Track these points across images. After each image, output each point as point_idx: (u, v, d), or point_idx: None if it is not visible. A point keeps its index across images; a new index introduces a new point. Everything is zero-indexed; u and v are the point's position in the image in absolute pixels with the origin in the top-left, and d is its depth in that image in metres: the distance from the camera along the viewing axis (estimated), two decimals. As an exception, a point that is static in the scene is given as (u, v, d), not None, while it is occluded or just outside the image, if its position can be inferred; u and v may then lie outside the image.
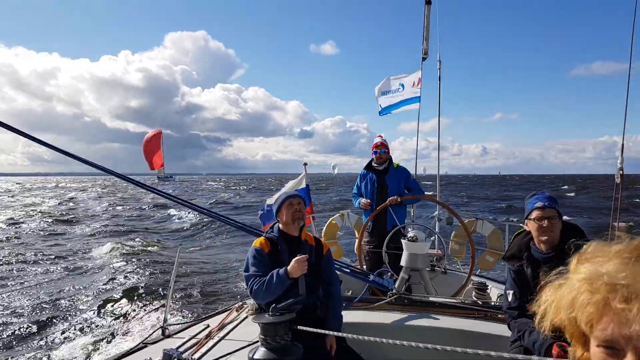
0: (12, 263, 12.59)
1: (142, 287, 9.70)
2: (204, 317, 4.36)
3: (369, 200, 5.43)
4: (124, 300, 8.82)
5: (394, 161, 5.58)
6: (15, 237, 18.20)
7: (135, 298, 8.98)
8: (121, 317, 7.90)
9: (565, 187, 71.91)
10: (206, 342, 3.20)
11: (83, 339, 7.03)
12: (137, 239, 17.07)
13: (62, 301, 8.82)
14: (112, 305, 8.54)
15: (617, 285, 0.76)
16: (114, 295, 9.20)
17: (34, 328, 7.44)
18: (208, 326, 3.66)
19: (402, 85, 8.56)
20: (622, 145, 3.22)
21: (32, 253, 13.97)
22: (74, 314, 8.11)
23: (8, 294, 9.42)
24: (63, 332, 7.23)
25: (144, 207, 34.32)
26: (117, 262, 12.42)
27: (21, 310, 8.26)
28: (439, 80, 7.97)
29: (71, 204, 40.07)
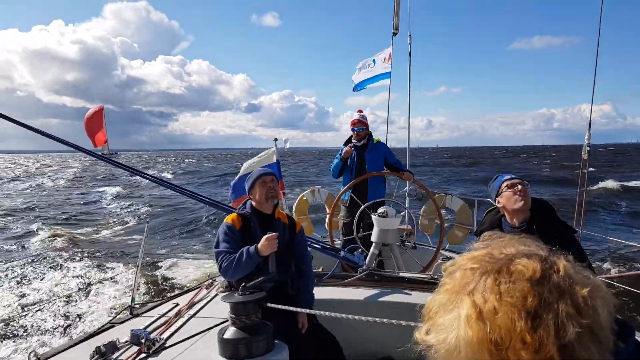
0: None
1: (108, 267, 9.47)
2: (173, 295, 4.28)
3: (350, 146, 5.35)
4: (91, 281, 8.59)
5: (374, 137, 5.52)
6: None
7: (102, 278, 8.77)
8: (87, 298, 7.69)
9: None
10: (175, 321, 3.13)
11: (48, 320, 6.82)
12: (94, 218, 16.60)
13: (22, 281, 8.52)
14: (78, 286, 8.30)
15: None
16: (79, 275, 8.95)
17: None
18: (177, 305, 3.59)
19: (374, 61, 8.63)
20: (590, 121, 3.25)
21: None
22: (37, 294, 7.85)
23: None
24: (27, 314, 6.99)
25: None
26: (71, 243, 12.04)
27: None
28: (410, 55, 7.95)
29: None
